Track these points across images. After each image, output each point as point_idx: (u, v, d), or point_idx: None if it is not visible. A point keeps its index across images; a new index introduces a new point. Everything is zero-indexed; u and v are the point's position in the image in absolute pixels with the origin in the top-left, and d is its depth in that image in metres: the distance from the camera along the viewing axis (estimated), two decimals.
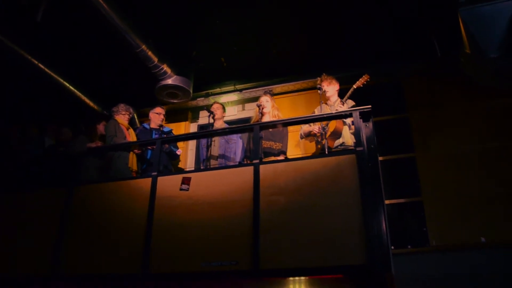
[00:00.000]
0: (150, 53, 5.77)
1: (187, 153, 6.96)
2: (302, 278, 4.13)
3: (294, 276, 3.91)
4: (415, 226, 5.43)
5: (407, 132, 5.95)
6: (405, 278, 4.81)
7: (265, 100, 5.25)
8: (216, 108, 5.71)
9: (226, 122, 6.20)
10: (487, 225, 5.11)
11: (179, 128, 7.16)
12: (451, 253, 5.04)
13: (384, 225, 3.64)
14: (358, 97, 5.10)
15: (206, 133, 5.01)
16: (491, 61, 5.01)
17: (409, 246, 5.25)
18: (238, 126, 5.04)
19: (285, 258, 3.75)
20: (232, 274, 3.89)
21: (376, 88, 6.12)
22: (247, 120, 6.79)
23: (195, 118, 7.37)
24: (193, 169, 6.25)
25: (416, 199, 5.54)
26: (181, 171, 5.92)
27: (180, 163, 6.52)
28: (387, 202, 5.35)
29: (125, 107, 5.66)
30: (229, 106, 6.99)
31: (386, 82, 6.30)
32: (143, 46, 5.63)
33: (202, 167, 5.32)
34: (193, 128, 7.29)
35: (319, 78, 5.29)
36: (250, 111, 6.94)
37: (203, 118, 7.26)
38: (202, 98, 7.06)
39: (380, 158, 5.27)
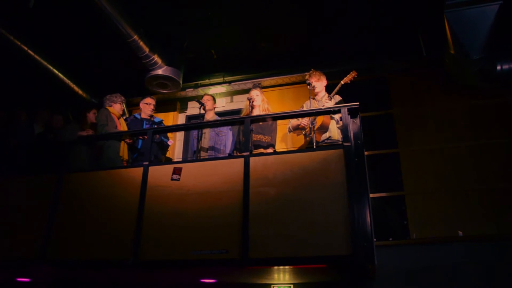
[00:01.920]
0: (141, 43, 5.81)
1: (175, 143, 7.03)
2: (287, 267, 4.29)
3: (281, 265, 4.04)
4: (396, 219, 5.62)
5: (391, 128, 6.13)
6: (386, 269, 4.99)
7: (256, 94, 5.37)
8: (206, 100, 5.79)
9: (215, 113, 6.27)
10: (464, 220, 5.33)
11: (168, 118, 7.21)
12: (430, 246, 5.22)
13: (368, 218, 3.80)
14: (345, 93, 5.25)
15: (197, 124, 5.11)
16: (473, 62, 5.23)
17: (390, 239, 5.42)
18: (229, 119, 5.17)
19: (273, 248, 3.88)
20: (222, 262, 4.02)
21: (362, 84, 6.26)
22: (236, 112, 6.89)
23: (183, 108, 7.43)
24: (182, 159, 6.33)
25: (398, 193, 5.73)
26: (172, 161, 5.97)
27: (168, 153, 6.59)
28: (370, 195, 5.53)
29: (117, 96, 5.70)
30: (217, 97, 7.05)
31: (372, 79, 6.44)
32: (135, 36, 5.66)
33: (191, 158, 5.41)
34: (181, 118, 7.35)
35: (307, 74, 5.40)
36: (238, 103, 7.03)
37: (192, 108, 7.34)
38: (191, 89, 7.11)
39: (365, 153, 5.44)
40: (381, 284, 5.05)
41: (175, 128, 5.57)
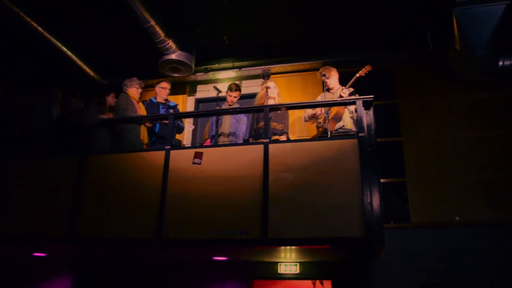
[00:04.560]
0: (157, 28, 5.92)
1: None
2: (294, 247, 4.58)
3: (299, 245, 4.35)
4: (398, 204, 5.93)
5: (395, 117, 6.41)
6: (386, 251, 5.31)
7: (273, 86, 5.63)
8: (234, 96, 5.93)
9: (222, 98, 6.39)
10: (462, 207, 5.66)
11: (177, 101, 7.29)
12: (428, 230, 5.57)
13: (380, 203, 4.11)
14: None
15: (217, 111, 5.31)
16: (477, 58, 5.50)
17: (391, 222, 5.74)
18: (248, 107, 5.37)
19: (291, 229, 4.18)
20: (242, 242, 4.31)
21: (369, 74, 6.46)
22: (244, 96, 7.05)
23: (192, 92, 7.59)
24: (199, 144, 6.50)
25: (400, 179, 6.04)
26: (194, 145, 6.10)
27: (177, 136, 6.77)
28: None
29: (137, 81, 5.84)
30: (226, 82, 7.19)
31: (378, 69, 6.64)
32: (152, 22, 5.78)
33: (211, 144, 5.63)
34: (190, 101, 7.51)
35: (322, 68, 5.60)
36: (247, 88, 7.18)
37: (201, 92, 7.53)
38: (201, 73, 7.26)
39: None
40: (381, 264, 5.37)
41: (196, 114, 5.76)
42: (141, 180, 4.80)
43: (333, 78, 5.54)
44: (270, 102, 5.49)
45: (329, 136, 4.84)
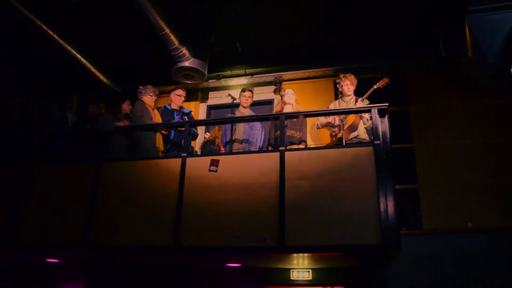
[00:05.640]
0: (172, 36, 5.99)
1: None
2: (306, 254, 4.62)
3: (315, 252, 4.38)
4: (410, 210, 5.96)
5: (407, 124, 6.45)
6: (400, 257, 5.33)
7: (291, 93, 5.67)
8: (248, 96, 6.01)
9: (236, 104, 6.45)
10: (474, 213, 5.68)
11: (189, 107, 7.37)
12: (441, 236, 5.59)
13: (395, 210, 4.14)
14: (364, 89, 5.56)
15: (232, 119, 5.36)
16: (489, 65, 5.52)
17: (404, 228, 5.74)
18: (264, 115, 5.42)
19: (308, 236, 4.22)
20: (260, 249, 4.34)
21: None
22: (256, 103, 7.10)
23: (204, 98, 7.65)
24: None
25: (412, 186, 6.07)
26: (209, 153, 6.15)
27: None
28: None
29: (151, 88, 5.89)
30: (238, 89, 7.25)
31: (390, 76, 6.68)
32: (167, 30, 5.85)
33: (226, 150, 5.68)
34: (202, 108, 7.57)
35: (341, 75, 5.66)
36: (259, 94, 7.24)
37: (213, 98, 7.59)
38: (214, 80, 7.33)
39: None
40: (394, 270, 5.41)
41: (211, 122, 5.81)
42: (158, 187, 4.85)
43: (352, 87, 5.61)
44: (288, 108, 5.54)
45: (344, 144, 4.88)
